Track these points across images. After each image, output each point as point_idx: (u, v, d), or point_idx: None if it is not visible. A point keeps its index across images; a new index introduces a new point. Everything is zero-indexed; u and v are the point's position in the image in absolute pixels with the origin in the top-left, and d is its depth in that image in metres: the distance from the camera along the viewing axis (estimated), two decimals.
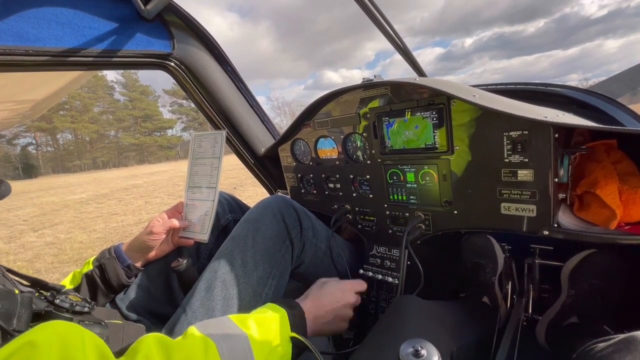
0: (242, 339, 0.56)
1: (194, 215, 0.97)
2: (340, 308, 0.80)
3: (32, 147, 57.87)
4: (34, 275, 0.69)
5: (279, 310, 0.66)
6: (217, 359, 0.50)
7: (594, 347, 0.59)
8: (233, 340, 0.55)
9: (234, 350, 0.53)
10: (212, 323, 0.59)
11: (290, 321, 0.65)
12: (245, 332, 0.58)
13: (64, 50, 0.83)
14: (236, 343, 0.55)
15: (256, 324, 0.60)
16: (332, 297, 0.80)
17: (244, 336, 0.57)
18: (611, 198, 0.65)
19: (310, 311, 0.74)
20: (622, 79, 1.15)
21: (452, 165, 0.80)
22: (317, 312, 0.76)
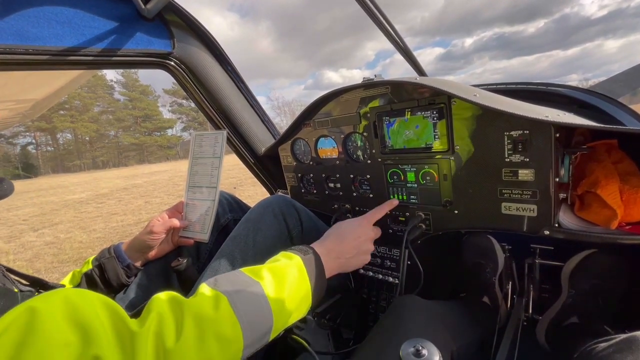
0: (256, 289, 0.55)
1: (194, 215, 0.97)
2: (362, 243, 0.79)
3: (32, 147, 57.87)
4: (34, 274, 0.69)
5: (292, 257, 0.65)
6: (229, 312, 0.49)
7: (595, 347, 0.58)
8: (246, 292, 0.54)
9: (247, 301, 0.52)
10: (224, 277, 0.57)
11: (306, 265, 0.64)
12: (258, 281, 0.56)
13: (64, 49, 0.83)
14: (249, 294, 0.54)
15: (270, 273, 0.59)
16: (352, 234, 0.79)
17: (258, 285, 0.56)
18: (612, 198, 0.65)
19: (332, 250, 0.74)
20: (623, 79, 1.15)
21: (453, 165, 0.80)
22: (340, 250, 0.75)
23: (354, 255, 0.77)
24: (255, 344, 0.52)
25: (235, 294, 0.52)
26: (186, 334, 0.44)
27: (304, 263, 0.64)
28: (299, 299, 0.60)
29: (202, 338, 0.45)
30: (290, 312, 0.59)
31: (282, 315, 0.56)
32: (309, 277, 0.63)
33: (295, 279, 0.60)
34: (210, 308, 0.48)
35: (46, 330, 0.36)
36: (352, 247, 0.77)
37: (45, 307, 0.38)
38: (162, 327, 0.44)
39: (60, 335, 0.37)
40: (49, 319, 0.37)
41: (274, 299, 0.55)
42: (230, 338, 0.48)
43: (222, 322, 0.48)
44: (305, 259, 0.65)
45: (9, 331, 0.35)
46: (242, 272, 0.59)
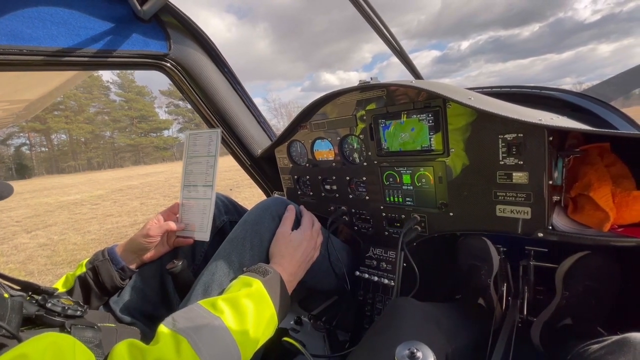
0: (217, 324, 0.54)
1: (191, 215, 0.96)
2: (312, 253, 0.85)
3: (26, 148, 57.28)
4: (27, 277, 0.68)
5: (251, 282, 0.64)
6: (191, 353, 0.48)
7: (587, 349, 0.59)
8: (206, 328, 0.52)
9: (209, 339, 0.51)
10: (182, 315, 0.56)
11: (267, 288, 0.63)
12: (218, 316, 0.55)
13: (59, 49, 0.82)
14: (210, 330, 0.52)
15: (229, 305, 0.57)
16: (303, 249, 0.82)
17: (218, 320, 0.54)
18: (604, 200, 0.65)
19: (286, 269, 0.75)
20: (615, 82, 1.16)
21: (448, 168, 0.80)
22: (291, 269, 0.77)
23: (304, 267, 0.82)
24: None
25: (195, 333, 0.51)
26: None
27: (265, 286, 0.64)
28: (265, 324, 0.60)
29: None
30: (257, 339, 0.58)
31: (248, 345, 0.56)
32: (272, 300, 0.63)
33: (257, 305, 0.60)
34: (171, 353, 0.48)
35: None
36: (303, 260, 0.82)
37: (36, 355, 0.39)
38: None
39: None
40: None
41: (237, 331, 0.54)
42: None
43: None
44: (265, 281, 0.64)
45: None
46: (200, 307, 0.58)
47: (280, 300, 0.65)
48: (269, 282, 0.65)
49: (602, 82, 1.19)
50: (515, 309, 0.97)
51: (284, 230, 0.85)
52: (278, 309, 0.64)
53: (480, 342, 0.85)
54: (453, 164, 0.79)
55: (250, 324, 0.57)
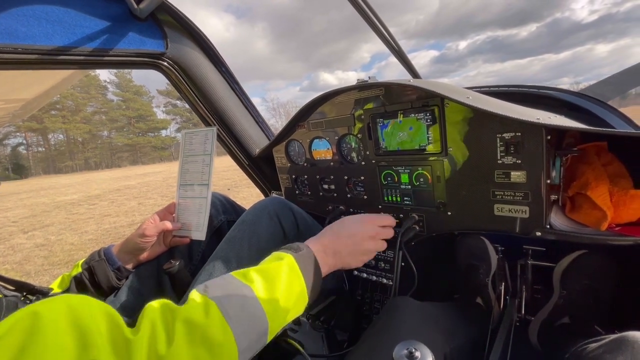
0: (246, 292, 0.54)
1: (188, 214, 0.96)
2: (359, 241, 0.76)
3: (23, 147, 56.97)
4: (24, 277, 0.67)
5: (283, 256, 0.64)
6: (219, 318, 0.49)
7: (585, 348, 0.59)
8: (236, 296, 0.53)
9: (238, 306, 0.52)
10: (214, 283, 0.57)
11: (299, 263, 0.63)
12: (248, 284, 0.56)
13: (55, 48, 0.82)
14: (240, 298, 0.53)
15: (260, 275, 0.58)
16: (348, 230, 0.76)
17: (248, 289, 0.55)
18: (602, 199, 0.66)
19: (328, 246, 0.72)
20: (612, 82, 1.17)
21: (446, 167, 0.80)
22: (335, 247, 0.73)
23: (350, 252, 0.75)
24: (252, 347, 0.52)
25: (225, 299, 0.52)
26: (177, 340, 0.44)
27: (297, 260, 0.63)
28: (294, 298, 0.59)
29: (192, 343, 0.45)
30: (286, 312, 0.58)
31: (277, 316, 0.56)
32: (303, 275, 0.62)
33: (288, 277, 0.59)
34: (200, 314, 0.49)
35: (48, 334, 0.37)
36: (348, 243, 0.75)
37: (48, 312, 0.39)
38: (154, 333, 0.44)
39: (60, 340, 0.37)
40: (51, 324, 0.38)
41: (266, 300, 0.55)
42: (221, 343, 0.47)
43: (212, 328, 0.48)
44: (297, 257, 0.64)
45: (12, 333, 0.36)
46: (232, 277, 0.58)
47: (313, 277, 0.64)
48: (301, 258, 0.64)
49: (599, 81, 1.20)
50: (513, 308, 0.97)
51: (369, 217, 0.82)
52: (309, 286, 0.62)
53: (479, 341, 0.85)
54: (451, 163, 0.79)
55: (279, 295, 0.57)
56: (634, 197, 0.66)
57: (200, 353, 0.45)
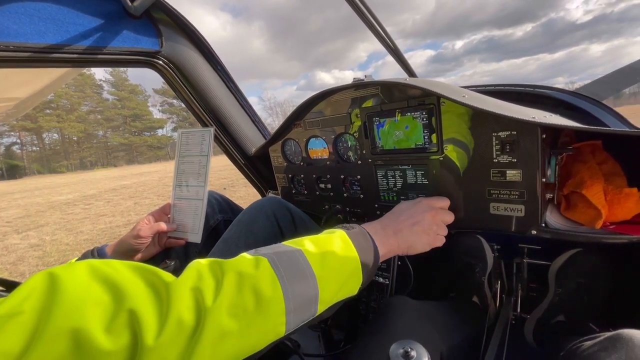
0: (297, 254, 0.52)
1: (183, 215, 0.95)
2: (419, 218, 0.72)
3: (17, 147, 56.40)
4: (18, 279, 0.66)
5: (334, 231, 0.61)
6: (269, 270, 0.47)
7: (580, 346, 0.59)
8: (287, 255, 0.51)
9: (288, 264, 0.50)
10: (263, 247, 0.55)
11: (351, 237, 0.60)
12: (299, 248, 0.54)
13: (47, 46, 0.81)
14: (290, 257, 0.51)
15: (311, 242, 0.56)
16: (407, 211, 0.74)
17: (299, 252, 0.53)
18: (597, 198, 0.66)
19: (388, 225, 0.70)
20: (607, 81, 1.17)
21: (442, 166, 0.80)
22: (396, 226, 0.70)
23: (412, 231, 0.71)
24: (301, 312, 0.49)
25: (276, 256, 0.50)
26: (225, 290, 0.42)
27: (349, 235, 0.60)
28: (347, 272, 0.56)
29: (241, 291, 0.43)
30: (338, 284, 0.55)
31: (328, 285, 0.52)
32: (357, 249, 0.59)
33: (340, 249, 0.56)
34: (250, 267, 0.47)
35: (73, 291, 0.35)
36: (408, 223, 0.71)
37: (65, 272, 0.37)
38: (200, 283, 0.42)
39: (89, 295, 0.35)
40: (73, 281, 0.36)
41: (317, 265, 0.52)
42: (270, 297, 0.45)
43: (262, 280, 0.45)
44: (349, 233, 0.61)
45: (31, 297, 0.34)
46: (282, 244, 0.57)
47: (368, 255, 0.60)
48: (353, 234, 0.61)
49: (593, 81, 1.20)
50: (509, 306, 0.98)
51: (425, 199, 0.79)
52: (364, 262, 0.58)
53: (475, 340, 0.85)
54: (447, 162, 0.79)
55: (331, 262, 0.54)
56: (629, 196, 0.66)
57: (248, 305, 0.43)
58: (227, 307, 0.41)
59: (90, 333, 0.33)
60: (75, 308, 0.34)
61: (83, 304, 0.35)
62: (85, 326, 0.33)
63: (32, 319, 0.33)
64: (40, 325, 0.32)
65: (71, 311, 0.34)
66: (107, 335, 0.34)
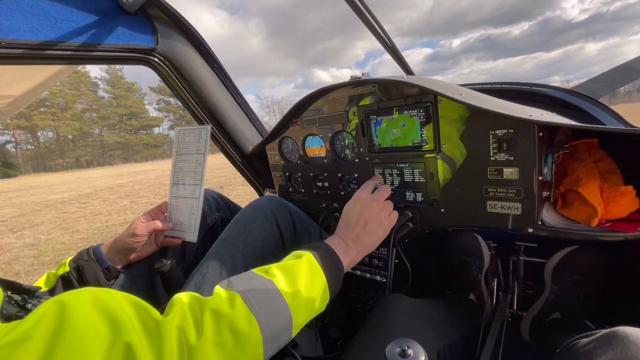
0: (269, 286, 0.56)
1: (180, 214, 0.94)
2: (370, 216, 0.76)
3: (11, 145, 55.86)
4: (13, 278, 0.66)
5: (301, 254, 0.64)
6: (244, 308, 0.50)
7: (576, 343, 0.60)
8: (259, 289, 0.55)
9: (261, 298, 0.53)
10: (236, 278, 0.58)
11: (317, 259, 0.64)
12: (270, 279, 0.57)
13: (40, 43, 0.79)
14: (263, 291, 0.55)
15: (280, 270, 0.59)
16: (355, 213, 0.77)
17: (271, 282, 0.56)
18: (593, 196, 0.66)
19: (347, 236, 0.74)
20: (602, 80, 1.18)
21: (439, 164, 0.80)
22: (352, 234, 0.74)
23: (369, 231, 0.75)
24: (277, 339, 0.53)
25: (249, 292, 0.53)
26: (206, 330, 0.45)
27: (316, 257, 0.64)
28: (317, 294, 0.60)
29: (219, 332, 0.46)
30: (309, 306, 0.59)
31: (300, 310, 0.57)
32: (324, 271, 0.63)
33: (308, 274, 0.61)
34: (226, 306, 0.50)
35: (78, 321, 0.37)
36: (361, 225, 0.75)
37: (73, 300, 0.39)
38: (184, 322, 0.45)
39: (92, 326, 0.38)
40: (79, 311, 0.38)
41: (289, 294, 0.56)
42: (247, 333, 0.48)
43: (238, 317, 0.48)
44: (316, 254, 0.65)
45: (43, 322, 0.36)
46: (253, 272, 0.60)
47: (333, 272, 0.65)
48: (319, 255, 0.65)
49: (589, 79, 1.21)
50: (506, 303, 0.98)
51: (360, 193, 0.81)
52: (330, 282, 0.63)
53: (471, 337, 0.85)
54: (444, 159, 0.79)
55: (302, 289, 0.58)
56: (624, 194, 0.66)
57: (227, 342, 0.46)
58: (211, 345, 0.45)
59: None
60: (80, 339, 0.37)
61: (86, 335, 0.37)
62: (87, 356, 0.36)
63: (41, 344, 0.35)
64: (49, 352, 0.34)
65: (76, 341, 0.36)
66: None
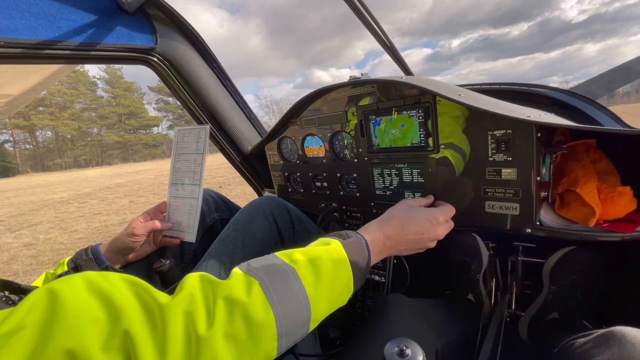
0: (290, 275, 0.52)
1: (179, 214, 0.94)
2: (424, 240, 0.72)
3: (10, 145, 55.70)
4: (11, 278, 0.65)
5: (331, 241, 0.60)
6: (261, 296, 0.46)
7: (574, 343, 0.60)
8: (279, 276, 0.51)
9: (281, 287, 0.49)
10: (257, 261, 0.54)
11: (347, 250, 0.59)
12: (292, 266, 0.53)
13: (39, 42, 0.79)
14: (283, 278, 0.51)
15: (305, 257, 0.55)
16: (418, 227, 0.71)
17: (293, 271, 0.52)
18: (591, 196, 0.66)
19: (390, 237, 0.68)
20: (601, 81, 1.18)
21: (438, 164, 0.81)
22: (397, 240, 0.69)
23: (409, 249, 0.72)
24: (292, 334, 0.49)
25: (268, 277, 0.50)
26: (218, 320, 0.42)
27: (345, 247, 0.60)
28: (340, 287, 0.57)
29: (232, 321, 0.43)
30: (330, 301, 0.55)
31: (320, 305, 0.53)
32: (351, 263, 0.58)
33: (334, 265, 0.56)
34: (242, 292, 0.46)
35: (71, 307, 0.35)
36: (411, 241, 0.71)
37: (64, 286, 0.37)
38: (193, 307, 0.42)
39: (87, 312, 0.36)
40: (72, 297, 0.36)
41: (311, 286, 0.52)
42: (262, 323, 0.45)
43: (254, 306, 0.45)
44: (345, 244, 0.61)
45: (33, 311, 0.35)
46: (276, 257, 0.56)
47: (360, 267, 0.60)
48: (349, 245, 0.61)
49: (588, 80, 1.21)
50: (504, 303, 0.98)
51: (413, 201, 0.78)
52: (356, 275, 0.59)
53: (470, 337, 0.85)
54: (443, 160, 0.79)
55: (325, 281, 0.54)
56: (622, 194, 0.67)
57: (239, 331, 0.43)
58: (222, 336, 0.41)
59: (88, 352, 0.34)
60: (75, 325, 0.34)
61: (81, 321, 0.35)
62: (83, 344, 0.34)
63: (33, 334, 0.33)
64: (42, 342, 0.33)
65: (71, 328, 0.34)
66: (103, 354, 0.35)
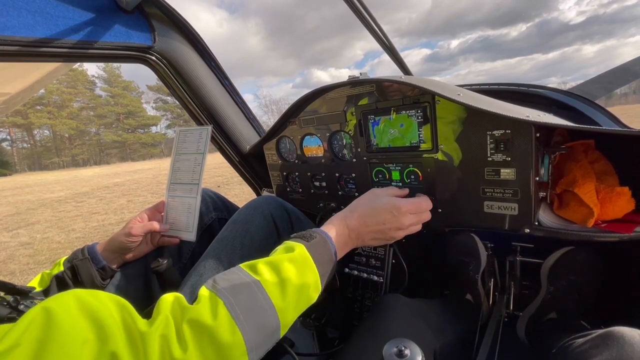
0: (256, 289, 0.52)
1: (177, 214, 0.94)
2: (387, 231, 0.71)
3: (7, 144, 55.45)
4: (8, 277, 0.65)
5: (295, 246, 0.61)
6: (227, 317, 0.47)
7: (572, 343, 0.60)
8: (244, 291, 0.51)
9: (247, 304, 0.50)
10: (222, 277, 0.54)
11: (311, 252, 0.60)
12: (257, 279, 0.53)
13: (36, 40, 0.79)
14: (247, 293, 0.51)
15: (269, 267, 0.55)
16: (380, 217, 0.71)
17: (256, 283, 0.53)
18: (589, 197, 0.66)
19: (353, 230, 0.70)
20: (599, 82, 1.18)
21: (437, 164, 0.80)
22: (360, 230, 0.70)
23: (374, 238, 0.72)
24: (263, 344, 0.51)
25: (233, 296, 0.50)
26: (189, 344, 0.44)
27: (309, 250, 0.60)
28: (307, 290, 0.57)
29: (200, 345, 0.45)
30: (298, 306, 0.57)
31: (288, 312, 0.54)
32: (316, 265, 0.60)
33: (300, 270, 0.57)
34: (207, 315, 0.47)
35: (65, 327, 0.37)
36: (376, 231, 0.71)
37: (59, 306, 0.39)
38: (166, 330, 0.44)
39: (78, 333, 0.38)
40: (66, 318, 0.38)
41: (277, 297, 0.53)
42: (230, 343, 0.46)
43: (220, 329, 0.46)
44: (309, 246, 0.61)
45: (29, 329, 0.37)
46: (241, 269, 0.56)
47: (327, 265, 0.62)
48: (313, 247, 0.61)
49: (586, 81, 1.21)
50: (502, 304, 0.98)
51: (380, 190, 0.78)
52: (322, 275, 0.60)
53: (468, 337, 0.85)
54: (446, 155, 0.79)
55: (291, 289, 0.55)
56: (620, 195, 0.67)
57: (208, 354, 0.45)
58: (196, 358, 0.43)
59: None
60: (67, 346, 0.36)
61: (73, 342, 0.37)
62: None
63: (29, 353, 0.35)
64: None
65: (63, 349, 0.36)
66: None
